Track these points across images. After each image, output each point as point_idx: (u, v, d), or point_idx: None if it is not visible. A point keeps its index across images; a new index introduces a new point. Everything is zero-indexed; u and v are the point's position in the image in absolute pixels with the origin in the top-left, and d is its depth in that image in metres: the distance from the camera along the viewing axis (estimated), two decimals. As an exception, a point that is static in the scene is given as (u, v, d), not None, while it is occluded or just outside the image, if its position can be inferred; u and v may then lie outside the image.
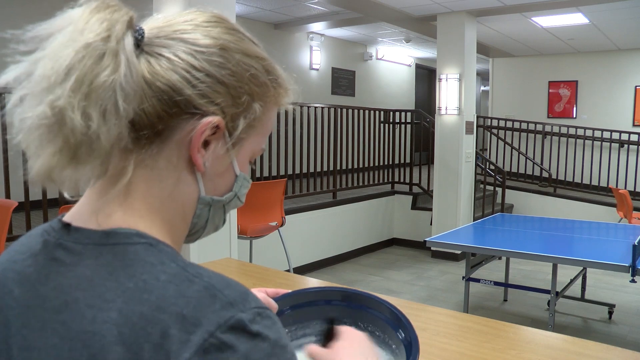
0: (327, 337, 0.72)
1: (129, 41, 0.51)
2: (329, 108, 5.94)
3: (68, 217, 0.58)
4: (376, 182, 6.67)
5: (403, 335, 0.82)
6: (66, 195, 0.54)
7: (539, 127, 8.07)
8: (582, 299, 4.39)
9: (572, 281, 3.97)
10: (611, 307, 4.20)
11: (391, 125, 6.98)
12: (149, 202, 0.56)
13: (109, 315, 0.48)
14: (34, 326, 0.52)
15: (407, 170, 7.04)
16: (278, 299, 0.88)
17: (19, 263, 0.57)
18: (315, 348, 0.71)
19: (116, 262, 0.51)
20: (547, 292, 3.40)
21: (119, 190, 0.55)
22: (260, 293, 0.86)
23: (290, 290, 0.91)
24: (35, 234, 0.59)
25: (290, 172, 5.62)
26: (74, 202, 0.58)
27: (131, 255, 0.51)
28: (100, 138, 0.49)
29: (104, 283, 0.50)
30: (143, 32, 0.54)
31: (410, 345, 0.78)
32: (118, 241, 0.53)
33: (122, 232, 0.53)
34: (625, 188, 6.60)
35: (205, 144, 0.56)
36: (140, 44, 0.54)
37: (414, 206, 6.65)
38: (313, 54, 8.38)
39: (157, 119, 0.54)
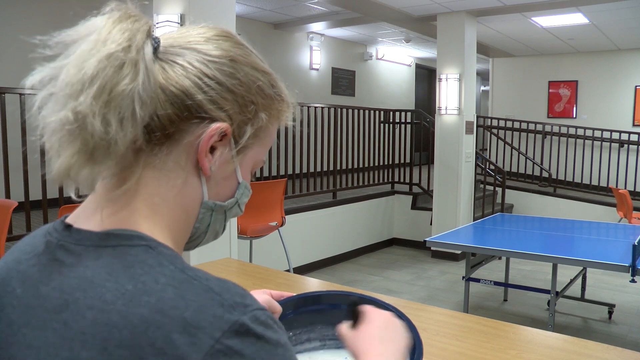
0: (354, 319, 0.73)
1: (148, 49, 0.54)
2: (329, 108, 5.94)
3: (71, 218, 0.59)
4: (376, 182, 6.67)
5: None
6: (72, 195, 0.56)
7: (539, 127, 8.07)
8: (582, 299, 4.39)
9: (572, 281, 3.97)
10: (611, 307, 4.20)
11: (391, 125, 6.98)
12: (154, 203, 0.58)
13: (109, 317, 0.49)
14: (34, 325, 0.53)
15: (407, 170, 7.04)
16: (282, 302, 0.87)
17: (23, 263, 0.58)
18: (343, 329, 0.74)
19: (116, 264, 0.52)
20: (547, 292, 3.40)
21: (127, 189, 0.56)
22: (265, 295, 0.86)
23: (294, 294, 0.90)
24: (39, 234, 0.60)
25: (290, 172, 5.62)
26: (75, 202, 0.59)
27: (131, 257, 0.52)
28: (118, 142, 0.51)
29: (104, 284, 0.51)
30: (159, 41, 0.57)
31: (414, 347, 0.79)
32: (118, 243, 0.53)
33: (123, 234, 0.54)
34: (625, 188, 6.60)
35: (212, 149, 0.59)
36: (156, 52, 0.56)
37: (414, 206, 6.65)
38: (313, 54, 8.38)
39: (169, 122, 0.56)
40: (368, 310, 0.75)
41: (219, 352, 0.47)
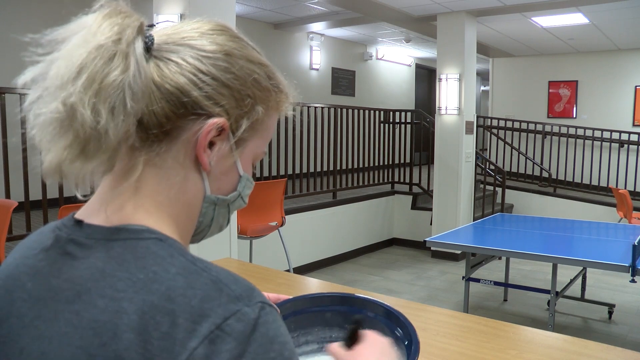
0: (351, 339, 0.72)
1: (139, 45, 0.54)
2: (329, 108, 5.94)
3: (80, 214, 0.60)
4: (376, 182, 6.67)
5: (402, 332, 0.83)
6: (78, 195, 0.56)
7: (539, 127, 8.07)
8: (582, 299, 4.39)
9: (572, 281, 3.97)
10: (611, 307, 4.20)
11: (391, 125, 6.98)
12: (157, 200, 0.58)
13: (120, 304, 0.50)
14: (46, 317, 0.54)
15: (407, 170, 7.04)
16: (280, 304, 0.88)
17: (31, 258, 0.59)
18: (336, 348, 0.72)
19: (127, 255, 0.53)
20: (547, 292, 3.40)
21: (128, 187, 0.57)
22: None
23: (290, 296, 0.91)
24: (47, 230, 0.61)
25: (290, 172, 5.62)
26: (77, 202, 0.60)
27: (142, 249, 0.53)
28: (109, 133, 0.51)
29: (115, 274, 0.52)
30: (152, 38, 0.57)
31: (411, 344, 0.79)
32: (129, 236, 0.55)
33: (133, 229, 0.55)
34: (625, 188, 6.60)
35: (211, 144, 0.59)
36: (150, 49, 0.56)
37: (414, 206, 6.65)
38: (313, 54, 8.38)
39: (166, 119, 0.56)
40: (368, 333, 0.74)
41: (217, 338, 0.48)
